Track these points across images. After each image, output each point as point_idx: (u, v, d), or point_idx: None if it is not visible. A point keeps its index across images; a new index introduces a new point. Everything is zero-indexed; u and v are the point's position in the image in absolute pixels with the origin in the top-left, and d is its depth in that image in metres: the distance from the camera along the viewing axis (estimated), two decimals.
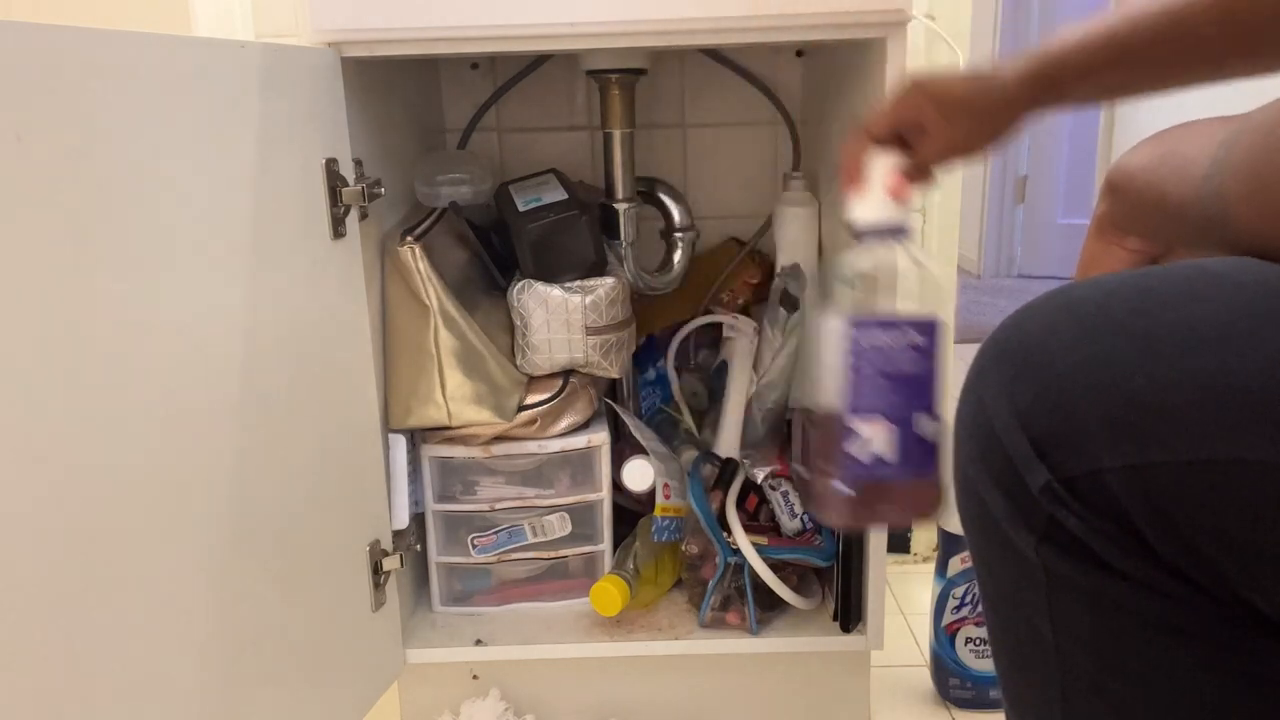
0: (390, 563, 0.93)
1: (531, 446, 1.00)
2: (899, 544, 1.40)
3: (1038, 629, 0.46)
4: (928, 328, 0.64)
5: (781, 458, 1.09)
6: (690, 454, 1.13)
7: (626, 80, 1.06)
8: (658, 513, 1.05)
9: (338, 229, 0.84)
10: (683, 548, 1.04)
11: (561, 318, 0.99)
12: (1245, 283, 0.40)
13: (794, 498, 1.04)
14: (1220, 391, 0.39)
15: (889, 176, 0.65)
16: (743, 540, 0.98)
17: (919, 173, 0.66)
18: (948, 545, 1.05)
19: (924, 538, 1.41)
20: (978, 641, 1.06)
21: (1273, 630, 0.41)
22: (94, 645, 0.60)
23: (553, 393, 1.01)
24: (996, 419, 0.45)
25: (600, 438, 1.02)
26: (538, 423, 1.00)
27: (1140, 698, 0.44)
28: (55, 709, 0.58)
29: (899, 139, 0.66)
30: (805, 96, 1.20)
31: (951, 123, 0.65)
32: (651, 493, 1.05)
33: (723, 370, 1.16)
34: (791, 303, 1.03)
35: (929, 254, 1.35)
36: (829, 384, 0.63)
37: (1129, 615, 0.43)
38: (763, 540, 0.99)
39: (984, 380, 0.46)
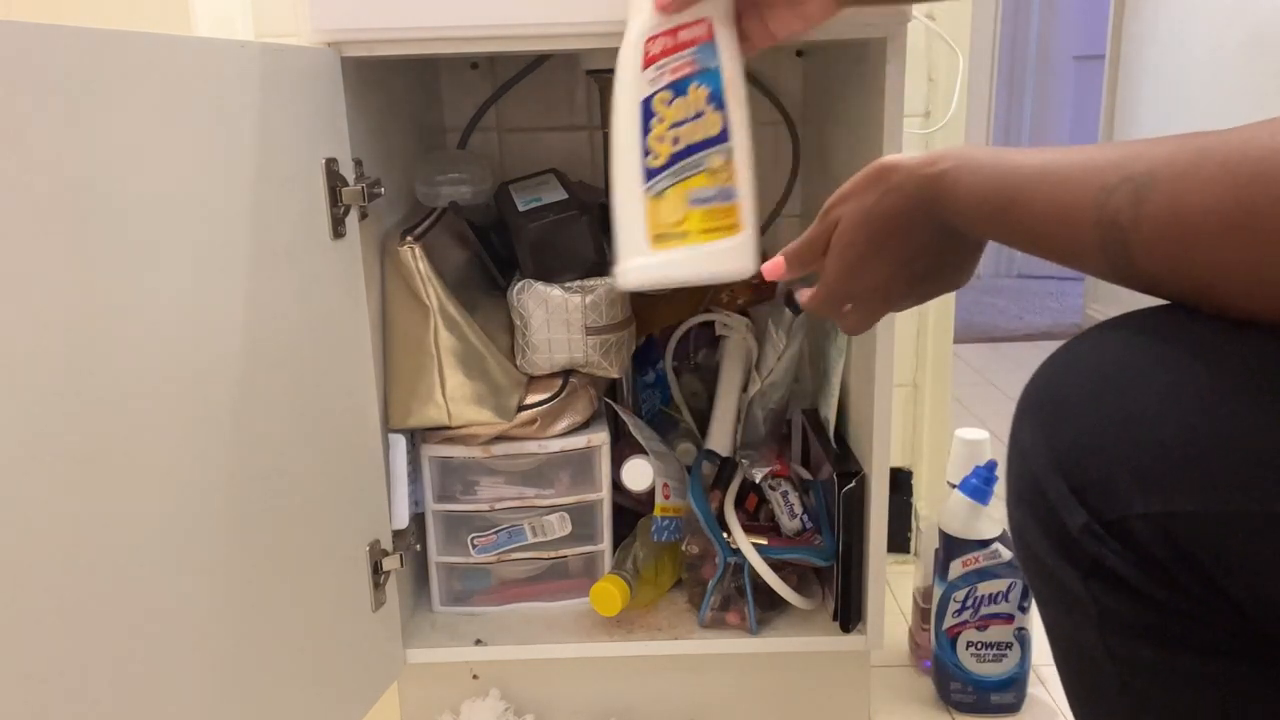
0: (390, 563, 0.93)
1: (531, 446, 1.00)
2: (899, 544, 1.40)
3: (1098, 662, 0.47)
4: None
5: (781, 458, 1.09)
6: (685, 446, 1.13)
7: None
8: (657, 513, 1.05)
9: (338, 229, 0.84)
10: (683, 548, 1.04)
11: (561, 318, 0.99)
12: (1268, 332, 0.41)
13: (794, 498, 1.04)
14: (1246, 444, 0.40)
15: None
16: (742, 540, 0.98)
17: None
18: (949, 549, 1.05)
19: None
20: (979, 646, 1.06)
21: None
22: (94, 645, 0.60)
23: (553, 393, 1.01)
24: (1035, 464, 0.47)
25: (600, 438, 1.02)
26: (538, 423, 1.00)
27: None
28: (56, 708, 0.58)
29: None
30: (805, 96, 1.20)
31: None
32: (651, 492, 1.05)
33: None
34: (795, 304, 1.03)
35: None
36: None
37: (1180, 643, 0.44)
38: (762, 540, 0.99)
39: (1022, 428, 0.48)
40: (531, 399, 1.00)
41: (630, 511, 1.13)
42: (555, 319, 0.99)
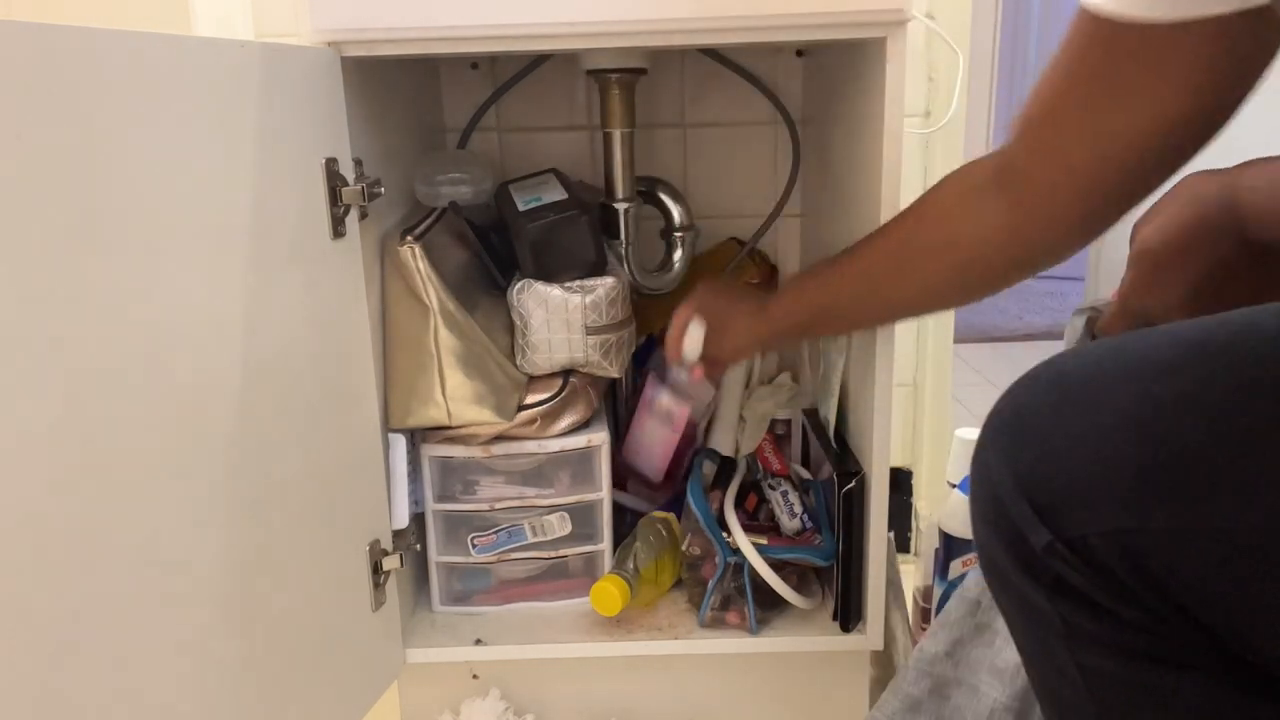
0: (390, 562, 0.93)
1: (531, 446, 1.00)
2: (899, 544, 1.40)
3: (1068, 673, 0.48)
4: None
5: (781, 457, 1.09)
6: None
7: (626, 80, 1.06)
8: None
9: (338, 229, 0.84)
10: (683, 548, 1.04)
11: (561, 317, 0.99)
12: (1220, 352, 0.43)
13: (794, 497, 1.04)
14: (1197, 462, 0.41)
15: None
16: (742, 540, 0.98)
17: (712, 366, 0.91)
18: (949, 548, 1.05)
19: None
20: None
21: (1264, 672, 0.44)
22: (94, 644, 0.60)
23: (553, 393, 1.01)
24: (1000, 485, 0.48)
25: (600, 437, 1.02)
26: (538, 422, 1.00)
27: None
28: (56, 707, 0.58)
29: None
30: (805, 96, 1.20)
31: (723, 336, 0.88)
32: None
33: None
34: None
35: None
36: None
37: (1142, 656, 0.45)
38: (762, 540, 0.99)
39: (987, 449, 0.50)
40: (531, 399, 1.00)
41: (630, 511, 1.13)
42: (555, 319, 0.99)
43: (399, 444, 0.96)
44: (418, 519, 1.02)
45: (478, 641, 1.00)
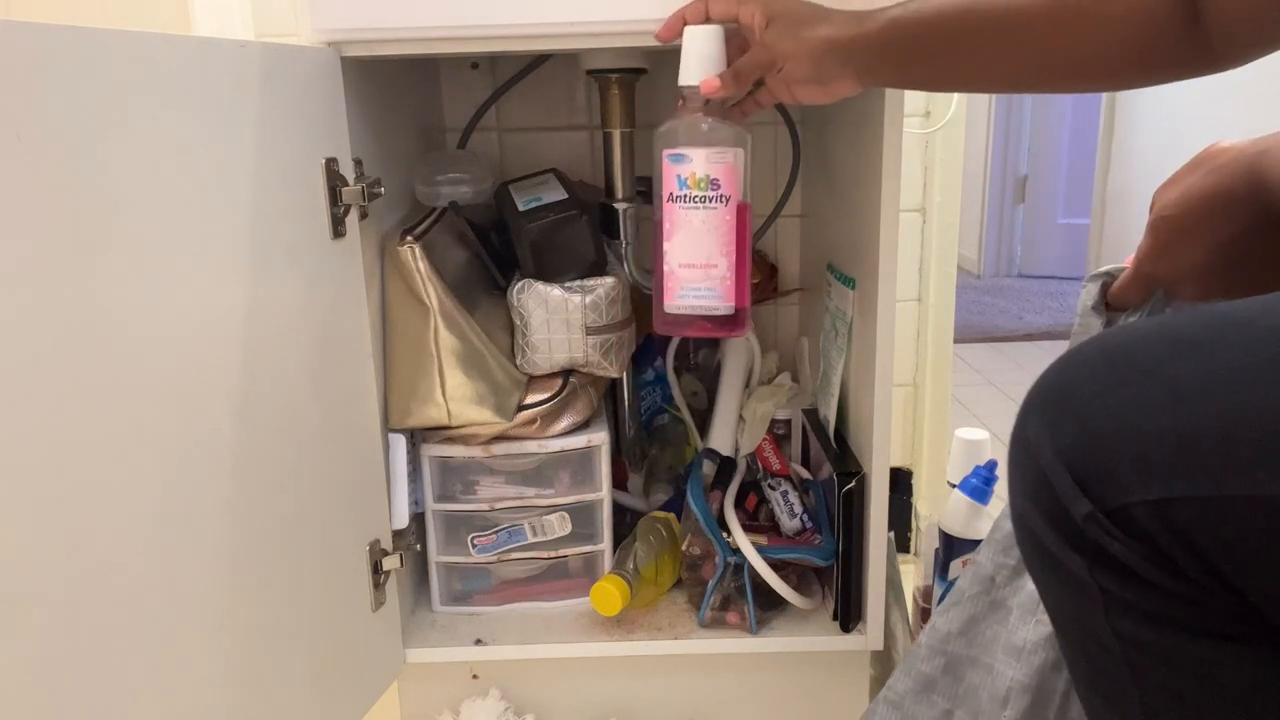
0: (390, 562, 0.93)
1: (531, 446, 1.00)
2: (899, 544, 1.40)
3: (1107, 647, 0.48)
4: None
5: (781, 457, 1.09)
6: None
7: (626, 80, 1.06)
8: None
9: (338, 229, 0.84)
10: (683, 548, 1.04)
11: (561, 317, 0.99)
12: (1266, 329, 0.43)
13: (793, 497, 1.04)
14: (1240, 432, 0.42)
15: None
16: (742, 540, 0.98)
17: (734, 79, 0.79)
18: (949, 548, 1.05)
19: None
20: None
21: None
22: (94, 644, 0.60)
23: (553, 393, 1.01)
24: (1041, 457, 0.48)
25: (600, 438, 1.02)
26: (538, 422, 1.00)
27: (1215, 700, 0.47)
28: (56, 707, 0.58)
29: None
30: None
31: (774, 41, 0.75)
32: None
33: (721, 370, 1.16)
34: None
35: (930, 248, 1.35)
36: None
37: (1183, 627, 0.46)
38: (762, 540, 0.99)
39: (1028, 422, 0.50)
40: (531, 399, 1.00)
41: (631, 511, 1.13)
42: (555, 319, 0.99)
43: (399, 444, 0.96)
44: (418, 519, 1.02)
45: (478, 641, 1.00)
